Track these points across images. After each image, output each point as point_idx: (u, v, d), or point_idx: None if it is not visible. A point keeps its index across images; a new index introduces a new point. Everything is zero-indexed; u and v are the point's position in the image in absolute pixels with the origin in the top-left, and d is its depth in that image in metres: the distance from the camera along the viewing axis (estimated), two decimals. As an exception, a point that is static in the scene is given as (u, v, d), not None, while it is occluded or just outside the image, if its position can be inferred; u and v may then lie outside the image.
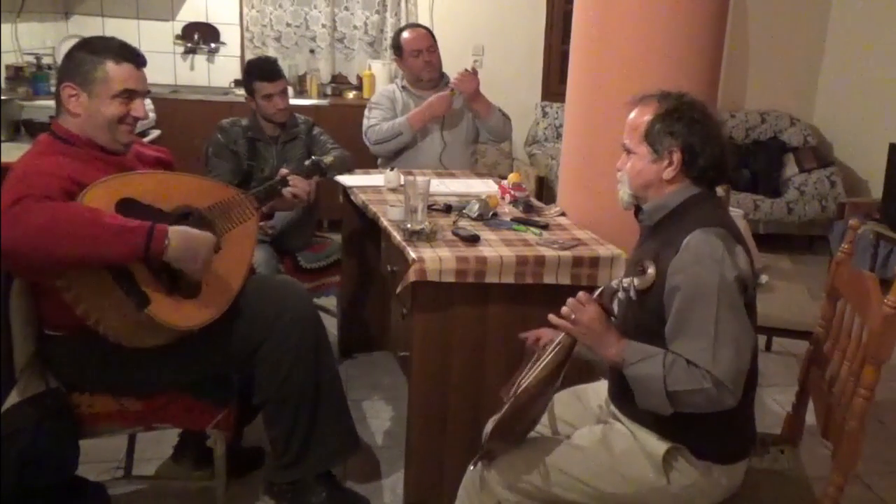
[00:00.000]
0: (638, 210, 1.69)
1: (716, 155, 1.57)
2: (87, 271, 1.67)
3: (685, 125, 1.55)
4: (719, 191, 1.82)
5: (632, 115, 1.64)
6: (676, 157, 1.56)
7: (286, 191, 2.21)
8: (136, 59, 1.87)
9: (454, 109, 3.26)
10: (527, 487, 1.62)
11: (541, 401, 1.61)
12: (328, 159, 2.47)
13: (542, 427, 1.73)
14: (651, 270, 1.52)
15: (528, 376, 1.58)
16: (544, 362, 1.57)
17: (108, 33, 4.92)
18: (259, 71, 2.94)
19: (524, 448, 1.65)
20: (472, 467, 1.70)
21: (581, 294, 1.57)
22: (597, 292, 1.58)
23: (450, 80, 3.37)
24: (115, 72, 1.82)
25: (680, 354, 1.46)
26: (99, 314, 1.71)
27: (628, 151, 1.63)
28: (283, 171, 2.33)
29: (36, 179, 1.69)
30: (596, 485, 1.60)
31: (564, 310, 1.56)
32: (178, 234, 1.71)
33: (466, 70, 3.21)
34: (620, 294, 1.55)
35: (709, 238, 1.48)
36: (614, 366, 1.55)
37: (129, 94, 1.85)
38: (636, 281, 1.53)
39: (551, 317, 1.58)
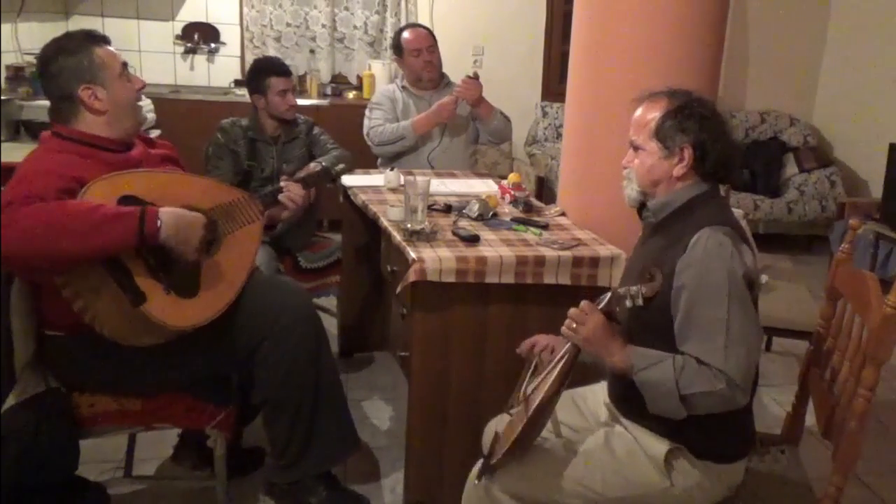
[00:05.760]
0: (642, 207, 1.68)
1: (725, 152, 1.56)
2: (85, 268, 1.67)
3: (696, 122, 1.55)
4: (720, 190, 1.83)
5: (638, 111, 1.63)
6: (688, 153, 1.56)
7: (282, 196, 2.22)
8: (105, 39, 1.90)
9: (459, 115, 3.26)
10: (531, 496, 1.61)
11: (547, 412, 1.61)
12: (339, 167, 2.47)
13: (545, 432, 1.72)
14: (659, 278, 1.52)
15: (538, 391, 1.57)
16: (551, 377, 1.56)
17: (108, 33, 4.92)
18: (273, 67, 2.98)
19: (527, 456, 1.64)
20: (476, 482, 1.68)
21: (584, 304, 1.56)
22: (605, 300, 1.57)
23: (450, 81, 3.37)
24: (105, 54, 1.85)
25: (691, 355, 1.46)
26: (95, 311, 1.72)
27: (636, 148, 1.62)
28: (288, 178, 2.32)
29: (35, 179, 1.69)
30: (601, 490, 1.59)
31: (568, 320, 1.56)
32: (169, 214, 1.72)
33: (469, 77, 3.21)
34: (627, 301, 1.54)
35: (718, 236, 1.48)
36: (621, 373, 1.54)
37: (125, 69, 1.88)
38: (644, 289, 1.52)
39: (563, 329, 1.57)
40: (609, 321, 1.55)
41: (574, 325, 1.54)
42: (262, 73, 2.96)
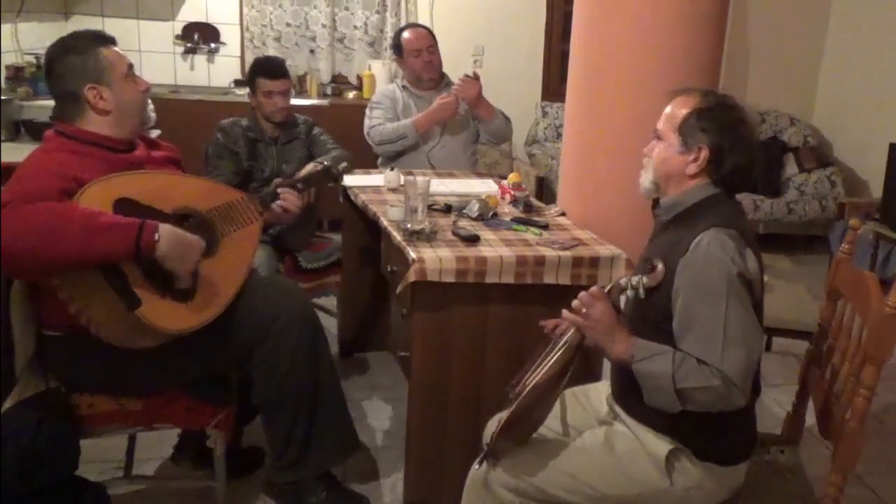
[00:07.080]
0: (655, 204, 1.69)
1: (741, 163, 1.56)
2: (80, 271, 1.66)
3: (719, 126, 1.56)
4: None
5: (670, 105, 1.64)
6: (704, 154, 1.56)
7: (275, 205, 2.15)
8: (112, 40, 1.90)
9: (459, 114, 3.26)
10: (529, 490, 1.62)
11: (546, 400, 1.61)
12: (342, 166, 2.45)
13: (545, 429, 1.73)
14: (660, 268, 1.52)
15: (536, 375, 1.58)
16: (552, 361, 1.57)
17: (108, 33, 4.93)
18: (263, 67, 2.96)
19: (527, 450, 1.65)
20: (476, 467, 1.70)
21: (594, 289, 1.58)
22: (606, 289, 1.59)
23: (450, 81, 3.37)
24: (111, 55, 1.85)
25: (689, 353, 1.46)
26: (90, 314, 1.71)
27: (659, 137, 1.64)
28: (284, 182, 2.28)
29: (34, 179, 1.69)
30: (600, 487, 1.59)
31: (575, 303, 1.57)
32: (168, 232, 1.71)
33: (467, 76, 3.20)
34: (629, 292, 1.55)
35: (721, 238, 1.48)
36: (622, 363, 1.55)
37: (131, 71, 1.88)
38: (645, 279, 1.53)
39: (564, 312, 1.58)
40: (614, 310, 1.56)
41: (583, 310, 1.55)
42: (253, 72, 2.97)
